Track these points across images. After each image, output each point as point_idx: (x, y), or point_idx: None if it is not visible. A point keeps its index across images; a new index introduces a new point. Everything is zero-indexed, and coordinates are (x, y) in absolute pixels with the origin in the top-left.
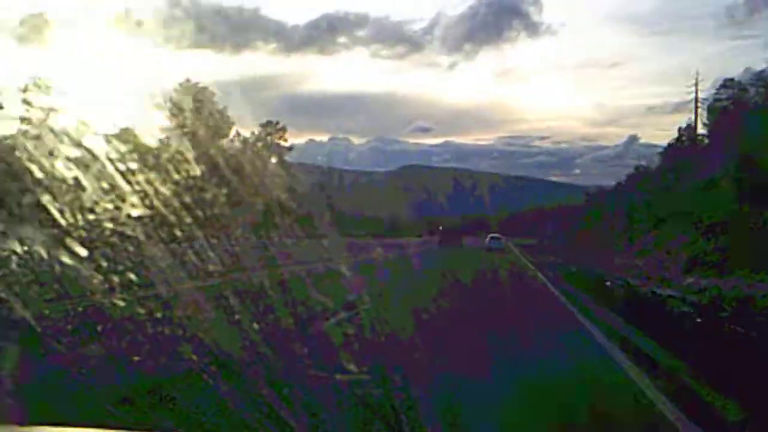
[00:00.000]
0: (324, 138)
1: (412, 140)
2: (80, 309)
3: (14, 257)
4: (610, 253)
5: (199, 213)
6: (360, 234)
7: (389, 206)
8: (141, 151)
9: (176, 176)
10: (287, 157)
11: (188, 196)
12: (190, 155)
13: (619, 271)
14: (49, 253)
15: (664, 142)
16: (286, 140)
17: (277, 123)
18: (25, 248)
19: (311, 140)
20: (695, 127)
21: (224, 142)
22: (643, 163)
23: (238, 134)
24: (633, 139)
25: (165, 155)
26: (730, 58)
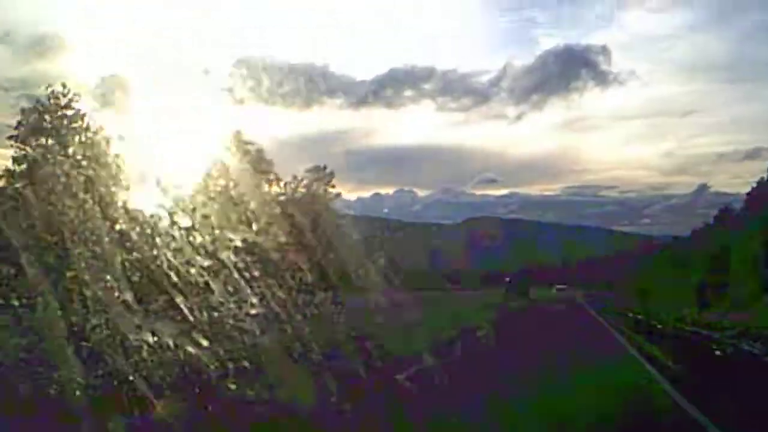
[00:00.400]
0: (390, 191)
1: (477, 192)
2: (197, 391)
3: (145, 346)
4: (694, 306)
5: (307, 311)
6: (426, 288)
7: (455, 259)
8: (263, 259)
9: (291, 282)
10: (351, 211)
11: (299, 298)
12: (306, 266)
13: (716, 330)
14: (176, 344)
15: (736, 190)
16: (333, 186)
17: (325, 168)
18: (155, 339)
19: (376, 193)
20: None
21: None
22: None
23: (278, 178)
24: (703, 187)
25: (283, 265)
26: None
